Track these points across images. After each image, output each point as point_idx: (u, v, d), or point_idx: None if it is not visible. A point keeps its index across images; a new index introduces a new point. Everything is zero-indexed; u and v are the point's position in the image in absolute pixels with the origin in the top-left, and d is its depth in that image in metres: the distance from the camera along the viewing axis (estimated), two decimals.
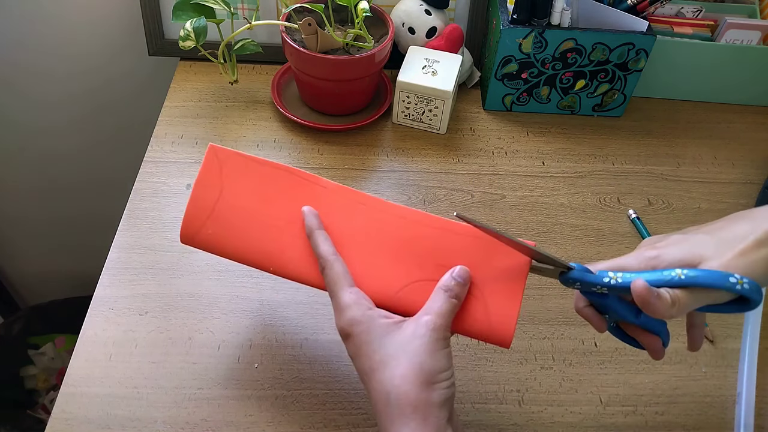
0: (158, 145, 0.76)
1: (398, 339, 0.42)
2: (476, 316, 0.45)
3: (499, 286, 0.45)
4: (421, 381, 0.40)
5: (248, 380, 0.56)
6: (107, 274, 0.63)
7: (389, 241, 0.47)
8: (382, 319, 0.43)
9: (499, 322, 0.44)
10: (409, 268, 0.47)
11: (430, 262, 0.47)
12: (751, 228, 0.41)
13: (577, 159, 0.80)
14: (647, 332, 0.45)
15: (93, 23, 0.91)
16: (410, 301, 0.46)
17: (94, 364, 0.56)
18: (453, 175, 0.76)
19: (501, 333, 0.44)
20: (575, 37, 0.76)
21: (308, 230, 0.48)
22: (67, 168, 1.12)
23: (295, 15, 0.77)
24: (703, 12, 0.86)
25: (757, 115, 0.88)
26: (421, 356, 0.41)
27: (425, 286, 0.45)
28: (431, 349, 0.41)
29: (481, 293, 0.45)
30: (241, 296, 0.62)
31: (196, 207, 0.49)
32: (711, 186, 0.78)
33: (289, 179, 0.49)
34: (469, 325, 0.45)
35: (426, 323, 0.42)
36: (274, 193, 0.49)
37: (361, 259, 0.47)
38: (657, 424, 0.56)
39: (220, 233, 0.48)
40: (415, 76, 0.77)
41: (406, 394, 0.40)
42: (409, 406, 0.40)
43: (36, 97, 1.00)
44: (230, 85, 0.84)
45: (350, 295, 0.44)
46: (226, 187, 0.49)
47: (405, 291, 0.46)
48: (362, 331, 0.43)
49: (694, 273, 0.40)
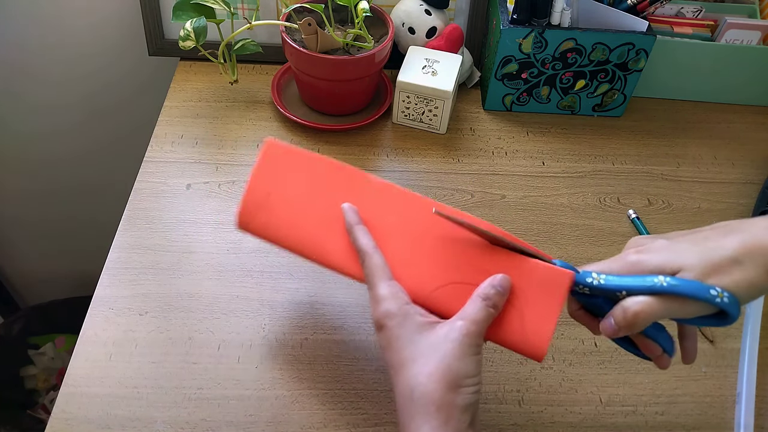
0: (158, 145, 0.76)
1: (430, 339, 0.42)
2: (512, 326, 0.44)
3: (537, 298, 0.45)
4: (447, 382, 0.40)
5: (248, 380, 0.56)
6: (107, 274, 0.63)
7: (431, 240, 0.48)
8: (418, 317, 0.43)
9: (534, 334, 0.44)
10: (447, 269, 0.46)
11: (470, 265, 0.46)
12: (739, 242, 0.41)
13: (577, 159, 0.80)
14: (645, 338, 0.45)
15: (93, 23, 0.91)
16: (445, 302, 0.45)
17: (94, 364, 0.56)
18: (453, 175, 0.76)
19: (535, 346, 0.44)
20: (575, 37, 0.76)
21: (348, 226, 0.48)
22: (67, 168, 1.12)
23: (295, 15, 0.77)
24: (703, 12, 0.86)
25: (757, 115, 0.88)
26: (451, 359, 0.41)
27: (463, 289, 0.45)
28: (462, 353, 0.41)
29: (519, 303, 0.45)
30: (241, 296, 0.62)
31: (252, 197, 0.51)
32: (711, 186, 0.78)
33: (339, 175, 0.51)
34: (504, 334, 0.45)
35: (460, 328, 0.42)
36: (323, 187, 0.51)
37: (400, 254, 0.47)
38: (657, 424, 0.56)
39: (272, 222, 0.50)
40: (415, 76, 0.77)
41: (431, 393, 0.40)
42: (432, 404, 0.40)
43: (36, 98, 1.00)
44: (230, 85, 0.84)
45: (388, 287, 0.45)
46: (280, 179, 0.51)
47: (441, 291, 0.46)
48: (396, 324, 0.43)
49: (676, 282, 0.40)
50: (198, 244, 0.66)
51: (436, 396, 0.40)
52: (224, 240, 0.67)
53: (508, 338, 0.45)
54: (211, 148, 0.76)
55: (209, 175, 0.73)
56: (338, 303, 0.62)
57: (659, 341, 0.45)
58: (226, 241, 0.67)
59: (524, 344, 0.44)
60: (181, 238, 0.67)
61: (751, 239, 0.41)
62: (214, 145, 0.77)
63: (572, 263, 0.45)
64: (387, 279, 0.45)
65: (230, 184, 0.72)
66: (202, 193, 0.71)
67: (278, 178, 0.51)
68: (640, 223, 0.72)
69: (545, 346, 0.44)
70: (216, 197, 0.71)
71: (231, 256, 0.65)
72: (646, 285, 0.41)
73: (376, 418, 0.55)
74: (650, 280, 0.41)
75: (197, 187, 0.72)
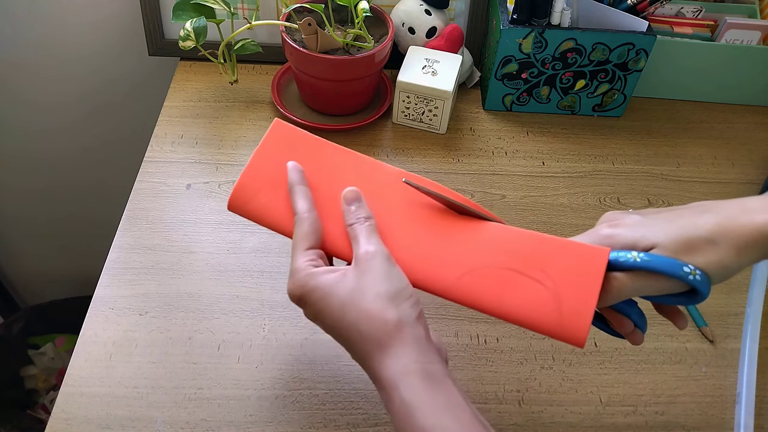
0: (158, 145, 0.76)
1: (347, 284, 0.41)
2: (546, 310, 0.42)
3: (571, 279, 0.42)
4: (384, 306, 0.40)
5: (248, 380, 0.56)
6: (107, 274, 0.63)
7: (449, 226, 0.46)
8: (328, 274, 0.42)
9: (572, 318, 0.41)
10: (470, 255, 0.44)
11: (495, 248, 0.44)
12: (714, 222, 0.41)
13: (577, 159, 0.80)
14: (617, 313, 0.44)
15: (93, 24, 0.91)
16: (472, 289, 0.43)
17: (94, 364, 0.56)
18: (453, 175, 0.76)
19: (574, 330, 0.41)
20: (575, 37, 0.76)
21: (290, 185, 0.47)
22: (67, 168, 1.12)
23: (295, 15, 0.77)
24: (703, 12, 0.86)
25: (757, 115, 0.88)
26: (377, 285, 0.41)
27: (491, 273, 0.43)
28: (381, 275, 0.41)
29: (552, 285, 0.42)
30: (241, 296, 0.62)
31: (251, 177, 0.48)
32: (711, 186, 0.78)
33: (345, 160, 0.49)
34: (538, 319, 0.42)
35: (364, 256, 0.42)
36: (327, 171, 0.49)
37: (415, 244, 0.45)
38: (657, 424, 0.56)
39: (270, 204, 0.48)
40: (415, 76, 0.77)
41: (376, 325, 0.39)
42: (382, 332, 0.39)
43: (36, 98, 1.00)
44: (230, 85, 0.84)
45: (299, 260, 0.43)
46: (284, 161, 0.49)
47: (467, 278, 0.43)
48: (310, 290, 0.42)
49: (649, 258, 0.40)
50: (198, 244, 0.66)
51: (382, 325, 0.39)
52: (224, 240, 0.67)
53: (544, 324, 0.42)
54: (211, 148, 0.76)
55: (209, 175, 0.73)
56: None
57: (631, 317, 0.44)
58: (226, 241, 0.67)
59: (561, 329, 0.41)
60: (181, 238, 0.67)
61: (725, 219, 0.41)
62: (214, 145, 0.77)
63: None
64: (303, 249, 0.44)
65: (230, 184, 0.72)
66: (202, 193, 0.71)
67: (283, 159, 0.49)
68: None
69: (585, 329, 0.41)
70: (216, 197, 0.71)
71: (231, 256, 0.65)
72: (620, 260, 0.41)
73: (376, 418, 0.55)
74: (623, 256, 0.41)
75: (197, 187, 0.72)
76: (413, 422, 0.37)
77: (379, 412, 0.55)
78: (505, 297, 0.43)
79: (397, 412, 0.38)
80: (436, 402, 0.37)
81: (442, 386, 0.38)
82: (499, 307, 0.43)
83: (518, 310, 0.42)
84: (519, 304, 0.42)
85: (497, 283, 0.43)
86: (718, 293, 0.66)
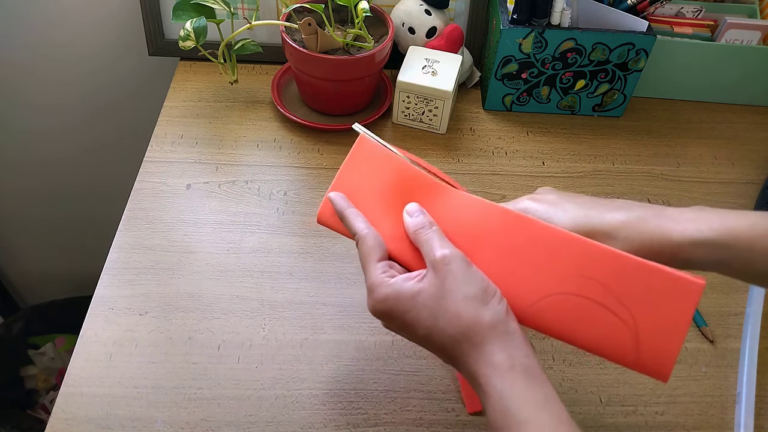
0: (158, 145, 0.76)
1: (431, 291, 0.41)
2: (622, 344, 0.40)
3: (655, 310, 0.40)
4: (476, 308, 0.40)
5: (248, 380, 0.56)
6: (107, 274, 0.63)
7: (525, 250, 0.44)
8: (407, 283, 0.42)
9: (653, 354, 0.39)
10: (546, 280, 0.42)
11: (572, 274, 0.42)
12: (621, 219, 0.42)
13: (577, 159, 0.80)
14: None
15: (93, 24, 0.91)
16: (548, 315, 0.42)
17: (94, 364, 0.56)
18: (453, 175, 0.76)
19: (655, 366, 0.40)
20: (575, 37, 0.76)
21: (339, 213, 0.47)
22: (67, 168, 1.12)
23: (295, 15, 0.77)
24: (703, 12, 0.86)
25: (757, 115, 0.88)
26: (462, 289, 0.41)
27: (568, 300, 0.42)
28: (463, 279, 0.41)
29: (632, 318, 0.40)
30: (241, 296, 0.62)
31: (338, 190, 0.49)
32: (711, 186, 0.78)
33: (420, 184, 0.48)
34: (613, 353, 0.41)
35: (442, 260, 0.42)
36: (402, 192, 0.48)
37: (490, 267, 0.43)
38: (657, 424, 0.56)
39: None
40: (415, 76, 0.77)
41: (470, 327, 0.40)
42: (477, 333, 0.40)
43: (36, 98, 1.00)
44: (230, 85, 0.84)
45: (374, 273, 0.43)
46: (367, 175, 0.49)
47: (542, 304, 0.42)
48: (394, 303, 0.42)
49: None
50: (198, 244, 0.66)
51: (475, 326, 0.40)
52: (224, 240, 0.67)
53: (620, 359, 0.41)
54: (211, 148, 0.76)
55: (209, 175, 0.73)
56: (338, 303, 0.62)
57: None
58: (226, 241, 0.67)
59: (639, 365, 0.40)
60: (181, 238, 0.67)
61: (635, 220, 0.42)
62: (214, 145, 0.77)
63: None
64: (375, 262, 0.44)
65: (230, 184, 0.72)
66: (202, 193, 0.71)
67: (366, 174, 0.49)
68: None
69: (669, 367, 0.39)
70: (216, 197, 0.71)
71: (231, 256, 0.65)
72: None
73: (376, 418, 0.55)
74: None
75: (197, 187, 0.72)
76: (511, 416, 0.37)
77: (379, 412, 0.55)
78: (579, 329, 0.42)
79: (495, 407, 0.38)
80: (534, 396, 0.38)
81: (539, 381, 0.39)
82: (572, 339, 0.42)
83: (592, 343, 0.42)
84: (594, 338, 0.41)
85: (572, 313, 0.42)
86: (719, 293, 0.66)
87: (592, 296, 0.41)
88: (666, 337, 0.39)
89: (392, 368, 0.58)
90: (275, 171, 0.75)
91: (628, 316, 0.40)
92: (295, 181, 0.74)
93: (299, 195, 0.72)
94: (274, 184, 0.73)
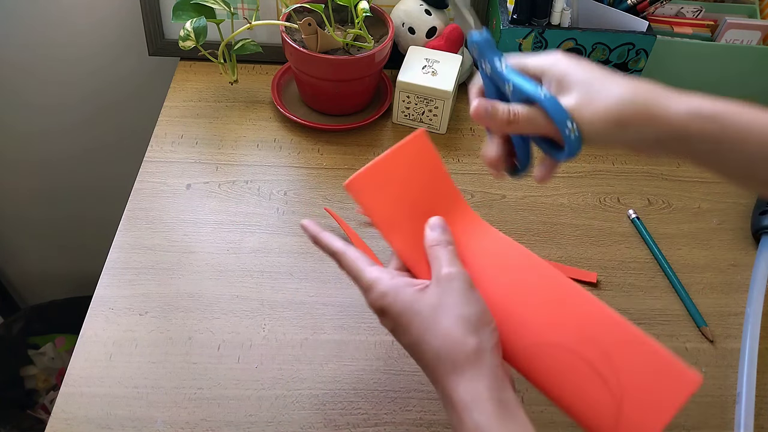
0: (158, 145, 0.76)
1: (430, 301, 0.41)
2: (603, 414, 0.40)
3: (645, 388, 0.39)
4: (466, 330, 0.40)
5: (248, 380, 0.56)
6: (107, 274, 0.63)
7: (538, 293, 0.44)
8: (408, 288, 0.42)
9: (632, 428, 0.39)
10: (551, 327, 0.42)
11: (577, 331, 0.42)
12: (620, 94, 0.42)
13: (576, 159, 0.80)
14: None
15: (93, 24, 0.91)
16: (539, 363, 0.42)
17: (94, 364, 0.56)
18: (453, 175, 0.75)
19: None
20: (575, 37, 0.76)
21: (313, 238, 0.47)
22: (67, 168, 1.12)
23: (295, 15, 0.77)
24: (703, 12, 0.86)
25: None
26: (459, 309, 0.41)
27: (562, 355, 0.41)
28: (465, 299, 0.41)
29: (619, 391, 0.40)
30: (241, 296, 0.62)
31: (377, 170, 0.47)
32: (711, 186, 0.78)
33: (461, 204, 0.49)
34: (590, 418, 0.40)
35: (447, 276, 0.42)
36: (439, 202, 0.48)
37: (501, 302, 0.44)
38: None
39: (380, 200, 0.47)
40: (415, 76, 0.77)
41: (455, 347, 0.40)
42: (461, 355, 0.39)
43: (36, 98, 1.00)
44: (230, 85, 0.84)
45: (371, 272, 0.43)
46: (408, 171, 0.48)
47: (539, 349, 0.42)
48: (391, 302, 0.42)
49: (551, 101, 0.42)
50: (198, 244, 0.66)
51: (461, 347, 0.40)
52: (224, 240, 0.67)
53: (596, 424, 0.40)
54: (211, 148, 0.76)
55: (209, 175, 0.73)
56: (338, 303, 0.62)
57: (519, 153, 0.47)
58: (226, 241, 0.67)
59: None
60: (181, 238, 0.67)
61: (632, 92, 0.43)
62: (214, 145, 0.77)
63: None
64: (368, 266, 0.44)
65: (230, 184, 0.72)
66: (202, 193, 0.71)
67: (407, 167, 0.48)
68: (640, 223, 0.72)
69: None
70: (216, 197, 0.71)
71: (231, 256, 0.65)
72: (531, 91, 0.42)
73: (376, 418, 0.55)
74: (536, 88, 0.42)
75: (197, 187, 0.72)
76: None
77: (379, 412, 0.55)
78: (564, 386, 0.42)
79: None
80: (509, 429, 0.38)
81: (515, 415, 0.39)
82: (554, 393, 0.42)
83: (573, 405, 0.41)
84: (576, 399, 0.41)
85: (562, 367, 0.42)
86: (719, 293, 0.66)
87: (587, 358, 0.41)
88: (649, 419, 0.39)
89: (392, 368, 0.58)
90: (275, 171, 0.75)
91: (617, 389, 0.40)
92: (295, 181, 0.74)
93: (299, 195, 0.72)
94: (274, 184, 0.73)
